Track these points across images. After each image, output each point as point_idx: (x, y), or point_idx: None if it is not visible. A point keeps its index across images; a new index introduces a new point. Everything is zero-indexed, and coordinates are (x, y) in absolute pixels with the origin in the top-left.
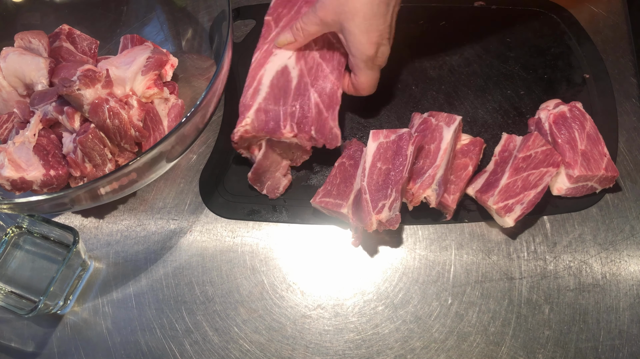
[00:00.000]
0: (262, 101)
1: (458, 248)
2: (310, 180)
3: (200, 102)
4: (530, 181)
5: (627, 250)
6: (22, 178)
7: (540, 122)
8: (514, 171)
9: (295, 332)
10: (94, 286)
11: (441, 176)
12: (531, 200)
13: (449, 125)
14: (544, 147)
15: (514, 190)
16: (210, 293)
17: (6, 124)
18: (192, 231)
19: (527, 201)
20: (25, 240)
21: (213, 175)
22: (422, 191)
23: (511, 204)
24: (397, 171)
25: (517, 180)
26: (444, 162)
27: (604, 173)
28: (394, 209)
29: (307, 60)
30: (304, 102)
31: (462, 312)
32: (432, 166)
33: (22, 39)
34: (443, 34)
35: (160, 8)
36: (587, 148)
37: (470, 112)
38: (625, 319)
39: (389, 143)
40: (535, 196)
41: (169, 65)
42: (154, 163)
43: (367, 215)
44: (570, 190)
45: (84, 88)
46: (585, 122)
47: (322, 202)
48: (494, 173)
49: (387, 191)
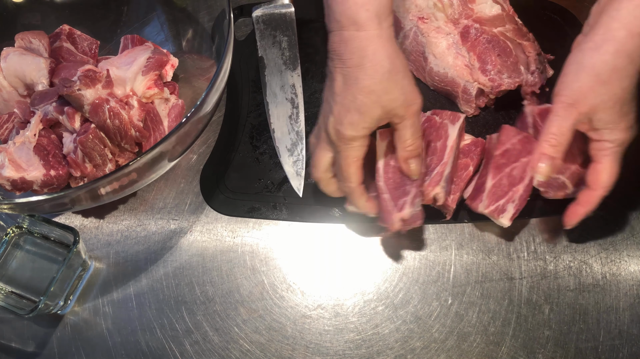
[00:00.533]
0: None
1: (458, 248)
2: (311, 179)
3: (200, 102)
4: (514, 175)
5: (627, 250)
6: (23, 178)
7: (525, 116)
8: (496, 169)
9: (295, 332)
10: (95, 286)
11: (449, 173)
12: (522, 195)
13: (453, 122)
14: (519, 136)
15: (502, 189)
16: (211, 293)
17: (6, 124)
18: (192, 232)
19: (517, 197)
20: (26, 240)
21: (214, 173)
22: (432, 188)
23: (502, 204)
24: None
25: (502, 178)
26: (451, 159)
27: (577, 168)
28: (416, 205)
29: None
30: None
31: (462, 312)
32: (439, 163)
33: (22, 39)
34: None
35: (160, 8)
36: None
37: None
38: (626, 320)
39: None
40: (525, 190)
41: (169, 65)
42: (154, 163)
43: (389, 214)
44: (541, 182)
45: (85, 88)
46: None
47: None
48: (480, 177)
49: (406, 187)
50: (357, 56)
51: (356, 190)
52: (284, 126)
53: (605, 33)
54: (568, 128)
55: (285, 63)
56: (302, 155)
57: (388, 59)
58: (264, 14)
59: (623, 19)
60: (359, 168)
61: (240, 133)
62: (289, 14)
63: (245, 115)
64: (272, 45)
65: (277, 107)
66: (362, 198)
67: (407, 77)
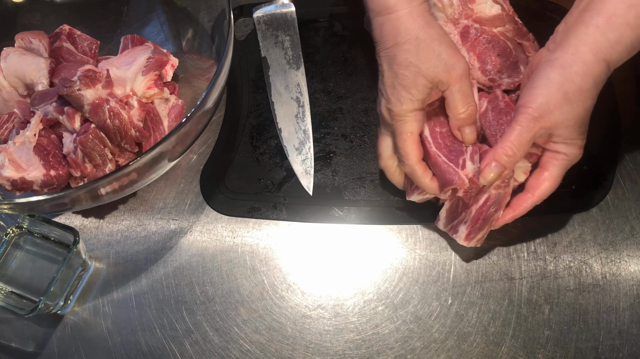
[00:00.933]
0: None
1: (458, 248)
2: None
3: (200, 102)
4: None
5: (627, 250)
6: (23, 179)
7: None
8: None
9: (295, 332)
10: (95, 287)
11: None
12: (474, 216)
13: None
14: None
15: (457, 209)
16: (211, 293)
17: (6, 124)
18: (192, 232)
19: (470, 219)
20: (26, 240)
21: (214, 173)
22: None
23: (455, 225)
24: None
25: (458, 199)
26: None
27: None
28: (476, 161)
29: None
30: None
31: (462, 312)
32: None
33: (22, 39)
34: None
35: (160, 8)
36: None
37: None
38: (625, 320)
39: (435, 109)
40: (477, 211)
41: (169, 65)
42: (154, 163)
43: (453, 174)
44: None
45: (85, 88)
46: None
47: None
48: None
49: (462, 147)
50: (392, 37)
51: (416, 168)
52: (291, 125)
53: (575, 54)
54: (527, 140)
55: (288, 62)
56: (310, 154)
57: (421, 29)
58: (264, 14)
59: (591, 44)
60: (416, 143)
61: (240, 133)
62: (290, 14)
63: (245, 115)
64: (274, 45)
65: (283, 106)
66: (426, 177)
67: (445, 42)
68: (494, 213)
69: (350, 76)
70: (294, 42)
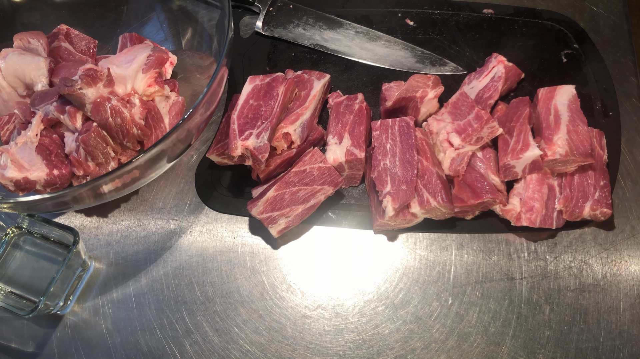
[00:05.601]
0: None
1: (458, 248)
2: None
3: (201, 99)
4: (299, 197)
5: (628, 250)
6: (26, 178)
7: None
8: (284, 184)
9: (295, 332)
10: (94, 287)
11: (307, 118)
12: (299, 215)
13: (319, 79)
14: (321, 164)
15: (281, 203)
16: (211, 294)
17: (7, 125)
18: (192, 232)
19: (293, 215)
20: (26, 241)
21: (209, 171)
22: (285, 126)
23: (276, 216)
24: (268, 106)
25: (285, 194)
26: (312, 107)
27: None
28: (262, 138)
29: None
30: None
31: (463, 312)
32: (300, 106)
33: (21, 40)
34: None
35: (160, 7)
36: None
37: None
38: (626, 320)
39: (263, 85)
40: (304, 211)
41: (168, 63)
42: (156, 160)
43: (232, 140)
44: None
45: (86, 87)
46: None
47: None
48: (268, 186)
49: (257, 122)
50: None
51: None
52: None
53: None
54: None
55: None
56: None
57: None
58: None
59: None
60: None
61: None
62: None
63: None
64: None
65: None
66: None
67: None
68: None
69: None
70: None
